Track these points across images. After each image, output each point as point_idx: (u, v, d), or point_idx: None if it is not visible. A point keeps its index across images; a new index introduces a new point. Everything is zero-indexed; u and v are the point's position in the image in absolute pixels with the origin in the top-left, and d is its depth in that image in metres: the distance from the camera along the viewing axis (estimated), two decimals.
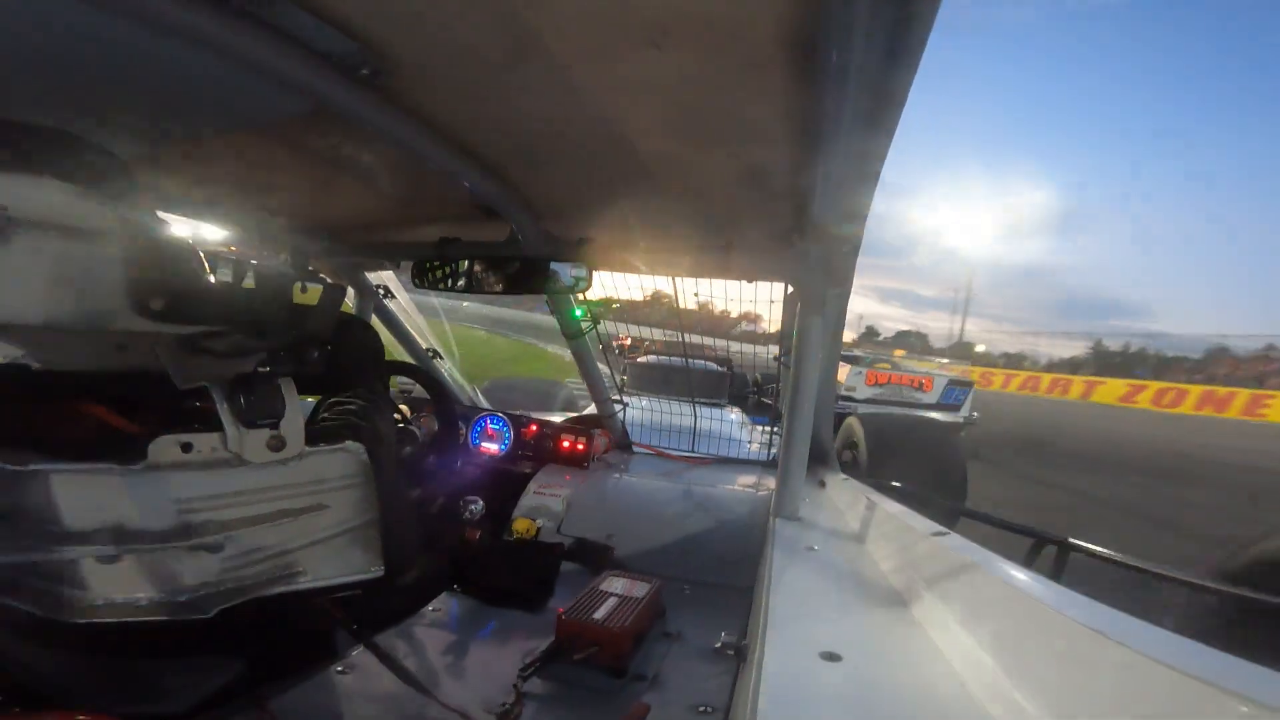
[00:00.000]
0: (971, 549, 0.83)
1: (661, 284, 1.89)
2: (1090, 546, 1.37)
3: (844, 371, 8.42)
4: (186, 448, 0.80)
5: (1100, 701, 0.47)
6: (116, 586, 0.74)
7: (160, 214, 0.86)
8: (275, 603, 0.89)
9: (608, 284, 1.87)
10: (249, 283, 0.98)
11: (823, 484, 1.71)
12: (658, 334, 2.89)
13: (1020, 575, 0.70)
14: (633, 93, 0.84)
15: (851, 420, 3.06)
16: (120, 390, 0.82)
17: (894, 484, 2.04)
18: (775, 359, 2.17)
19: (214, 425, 0.83)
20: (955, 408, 8.58)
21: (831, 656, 0.65)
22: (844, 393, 8.27)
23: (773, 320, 2.04)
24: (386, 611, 1.27)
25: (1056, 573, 1.37)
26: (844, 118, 0.76)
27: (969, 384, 8.91)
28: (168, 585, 0.78)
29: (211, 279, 0.95)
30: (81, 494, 0.72)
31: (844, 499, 1.51)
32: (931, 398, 8.66)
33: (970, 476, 2.60)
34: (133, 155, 0.89)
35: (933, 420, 2.99)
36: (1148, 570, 1.25)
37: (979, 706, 0.56)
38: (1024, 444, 9.46)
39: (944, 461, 2.70)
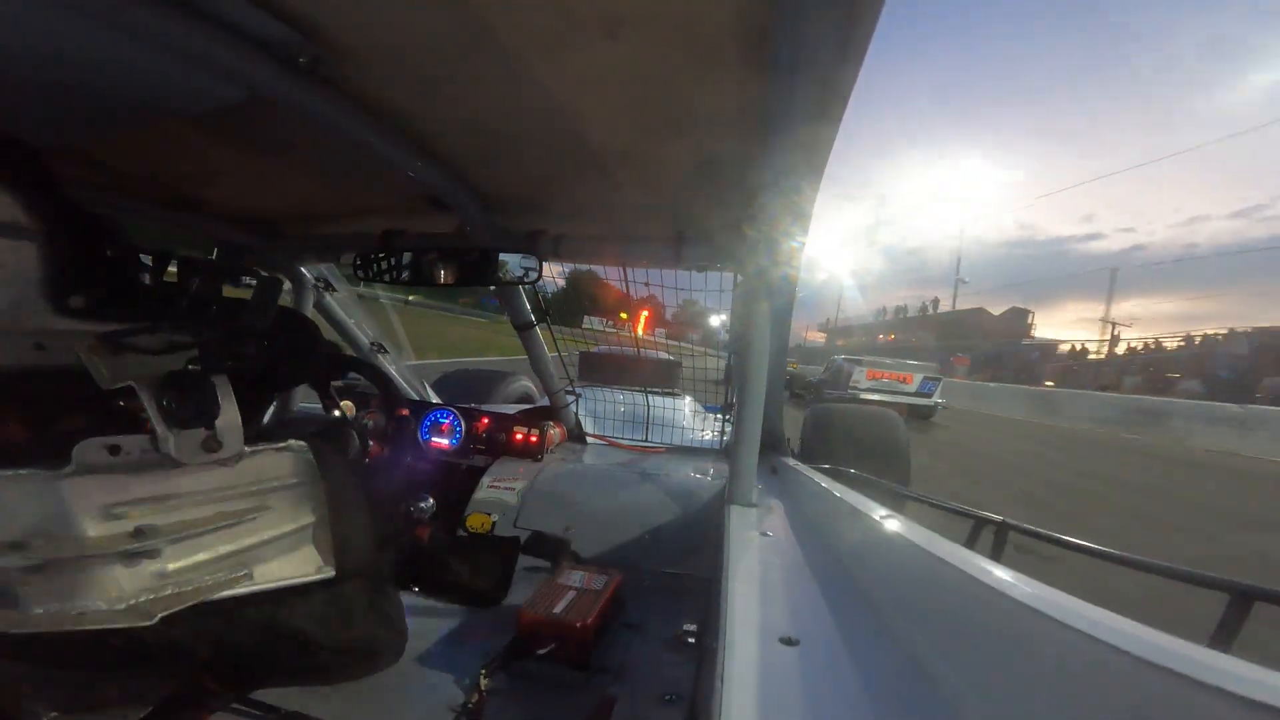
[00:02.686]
0: (917, 531, 0.85)
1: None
2: (1027, 526, 1.44)
3: (854, 370, 12.96)
4: (114, 450, 0.75)
5: (1039, 677, 0.49)
6: (49, 597, 0.70)
7: (81, 207, 0.80)
8: (223, 607, 0.85)
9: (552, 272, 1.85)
10: (176, 277, 0.94)
11: (774, 470, 1.74)
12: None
13: (964, 555, 0.73)
14: (586, 83, 0.83)
15: (810, 411, 3.12)
16: (41, 391, 0.77)
17: (842, 469, 2.10)
18: (725, 347, 2.20)
19: (144, 427, 0.78)
20: (929, 395, 12.90)
21: (790, 641, 0.67)
22: (851, 385, 12.65)
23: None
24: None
25: (996, 553, 1.43)
26: (794, 108, 0.77)
27: (938, 378, 13.07)
28: (104, 594, 0.74)
29: (137, 274, 0.90)
30: (3, 501, 0.68)
31: (796, 485, 1.54)
32: (912, 388, 12.83)
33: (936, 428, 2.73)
34: (52, 145, 0.83)
35: (878, 410, 3.08)
36: (1082, 548, 1.32)
37: (931, 685, 0.58)
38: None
39: (889, 447, 2.79)
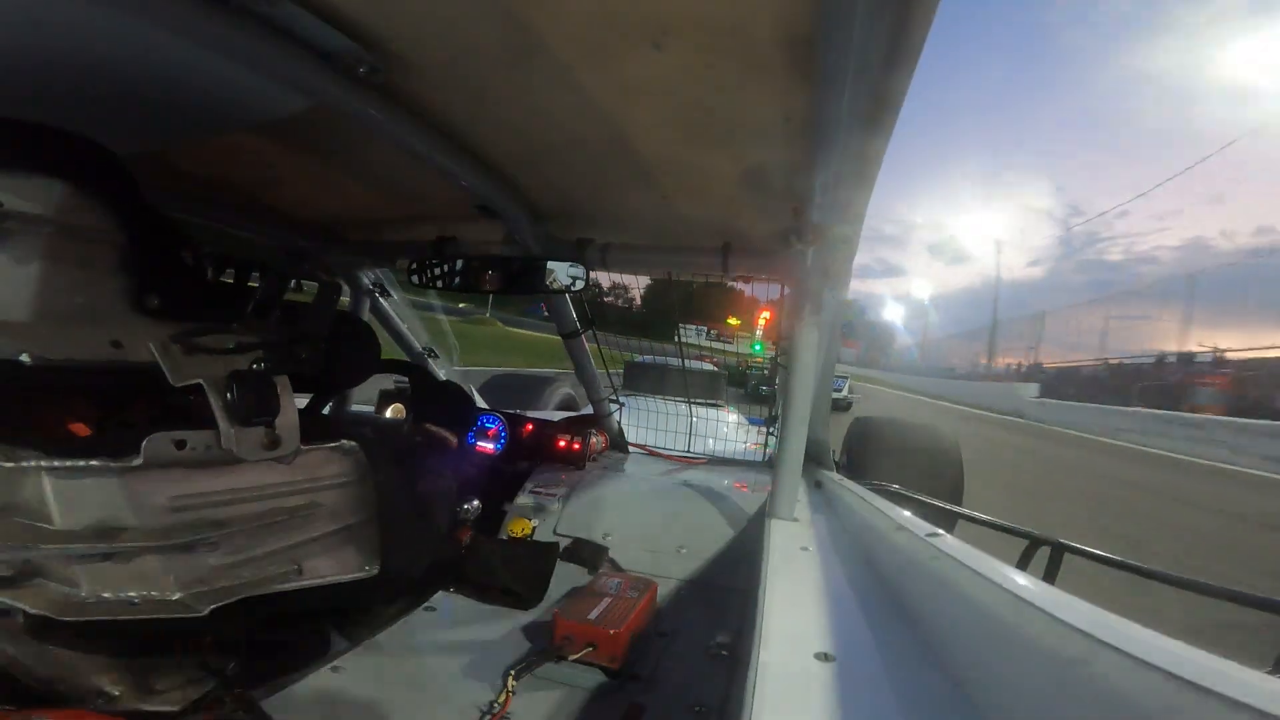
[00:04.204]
0: (965, 551, 0.82)
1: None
2: (1085, 548, 1.36)
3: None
4: (180, 445, 0.79)
5: (1093, 705, 0.47)
6: (108, 584, 0.74)
7: (157, 212, 0.85)
8: (270, 601, 0.88)
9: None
10: (242, 281, 0.98)
11: (818, 484, 1.71)
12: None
13: (1014, 577, 0.70)
14: (633, 93, 0.84)
15: (853, 423, 3.06)
16: (115, 387, 0.82)
17: (889, 485, 2.04)
18: (773, 359, 2.17)
19: (209, 423, 0.82)
20: (840, 390, 14.81)
21: (825, 657, 0.65)
22: (777, 382, 12.30)
23: None
24: (381, 610, 1.27)
25: (1050, 575, 1.37)
26: (842, 119, 0.76)
27: (845, 376, 15.71)
28: (160, 583, 0.77)
29: (207, 276, 0.95)
30: (74, 491, 0.72)
31: (839, 500, 1.51)
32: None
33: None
34: (129, 152, 0.89)
35: (929, 425, 2.99)
36: (1142, 570, 1.25)
37: (972, 709, 0.56)
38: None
39: (939, 464, 2.70)
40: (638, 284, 1.91)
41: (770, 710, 0.55)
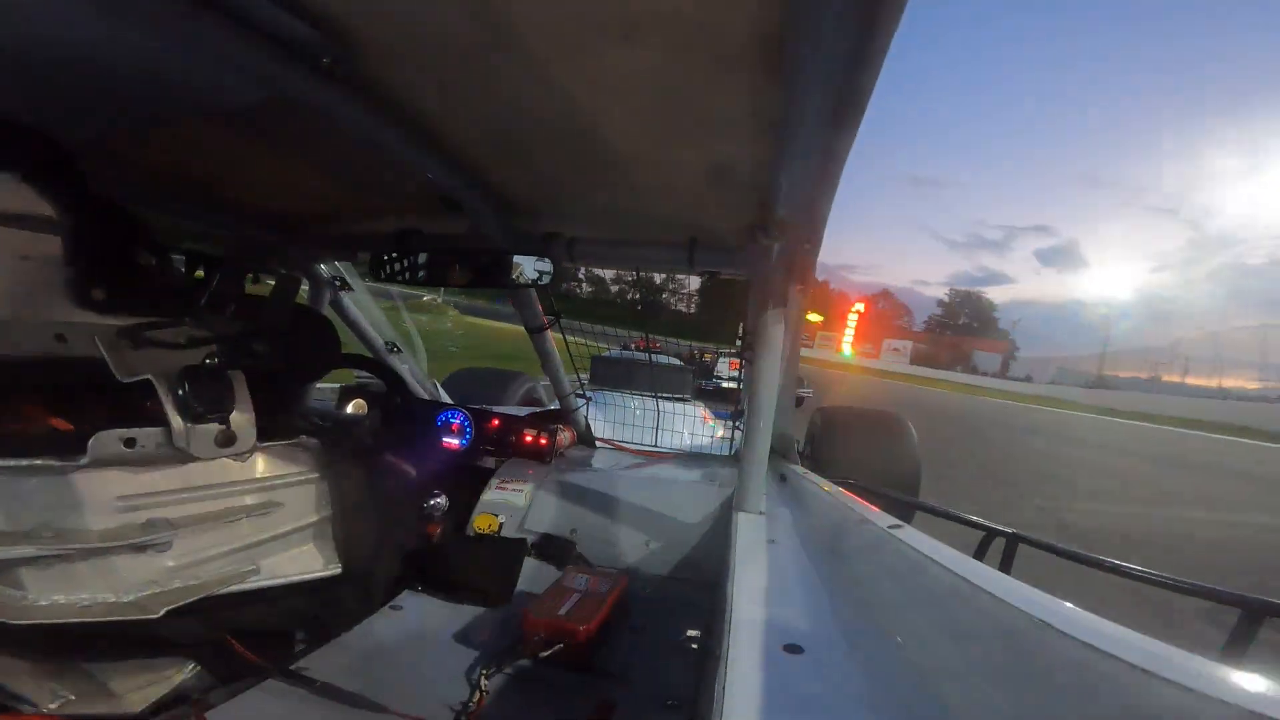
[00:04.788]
0: (926, 542, 0.85)
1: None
2: (1038, 539, 1.42)
3: (718, 361, 13.11)
4: (129, 443, 0.76)
5: (1047, 690, 0.49)
6: (56, 587, 0.71)
7: (106, 202, 0.81)
8: (229, 602, 0.86)
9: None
10: (197, 273, 0.95)
11: (783, 478, 1.73)
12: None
13: (972, 567, 0.73)
14: (601, 87, 0.83)
15: (813, 415, 3.12)
16: (60, 383, 0.78)
17: (850, 479, 2.08)
18: (738, 353, 2.19)
19: (160, 420, 0.80)
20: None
21: (794, 649, 0.66)
22: (715, 374, 12.91)
23: None
24: (346, 610, 1.24)
25: (1005, 565, 1.42)
26: (809, 115, 0.77)
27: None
28: (111, 586, 0.75)
29: (158, 269, 0.91)
30: (17, 491, 0.69)
31: (804, 493, 1.53)
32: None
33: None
34: (78, 143, 0.85)
35: (886, 414, 3.06)
36: (1092, 561, 1.30)
37: (936, 696, 0.58)
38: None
39: (897, 456, 2.77)
40: (690, 283, 1.90)
41: (741, 702, 0.55)
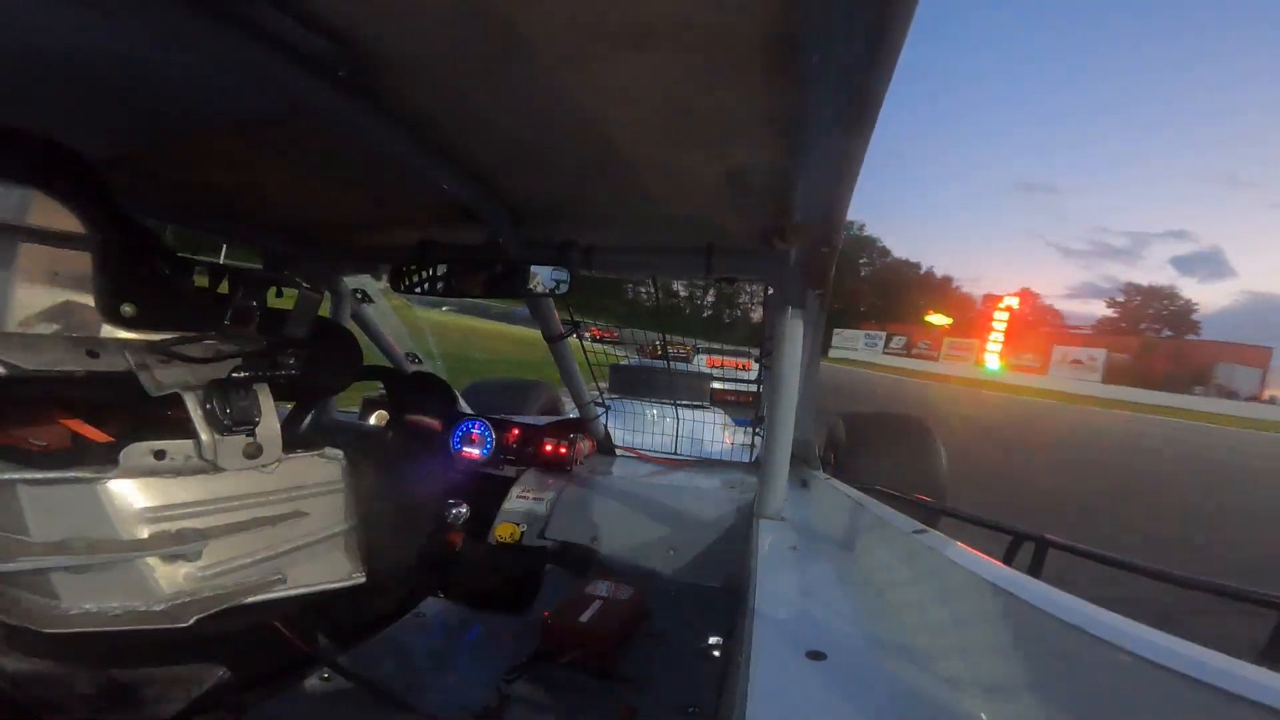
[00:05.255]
0: (952, 547, 0.84)
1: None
2: (1068, 543, 1.39)
3: (694, 357, 11.66)
4: (159, 455, 0.78)
5: (1080, 696, 0.48)
6: (88, 596, 0.73)
7: (133, 217, 0.83)
8: (256, 611, 0.87)
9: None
10: (223, 288, 0.97)
11: (805, 484, 1.72)
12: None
13: (1000, 571, 0.71)
14: (615, 94, 0.84)
15: (836, 419, 3.09)
16: (92, 397, 0.80)
17: (874, 485, 2.06)
18: (757, 360, 2.18)
19: (189, 432, 0.81)
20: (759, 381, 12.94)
21: (817, 655, 0.66)
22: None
23: None
24: (370, 618, 1.26)
25: (1035, 569, 1.39)
26: (824, 119, 0.76)
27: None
28: (142, 595, 0.76)
29: (184, 284, 0.93)
30: (51, 503, 0.71)
31: (826, 499, 1.52)
32: (751, 375, 12.21)
33: None
34: (104, 157, 0.87)
35: (910, 417, 3.03)
36: (1125, 564, 1.27)
37: (963, 703, 0.57)
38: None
39: (922, 459, 2.74)
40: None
41: (764, 710, 0.55)
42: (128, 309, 0.78)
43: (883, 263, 75.71)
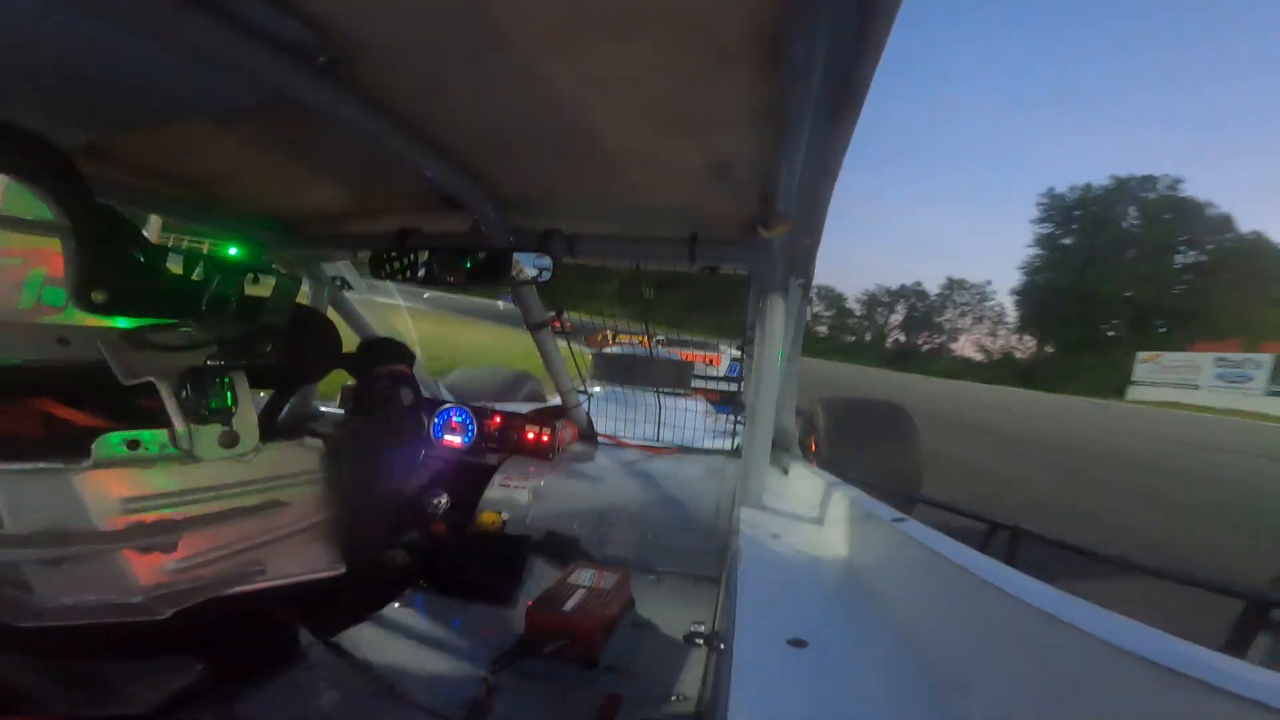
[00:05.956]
0: (930, 535, 0.85)
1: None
2: (1041, 533, 1.42)
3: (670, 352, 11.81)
4: (133, 445, 0.77)
5: (1053, 683, 0.49)
6: (64, 589, 0.72)
7: (106, 204, 0.81)
8: (236, 602, 0.87)
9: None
10: (197, 275, 0.95)
11: (786, 472, 1.74)
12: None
13: (977, 560, 0.73)
14: (600, 84, 0.83)
15: (815, 405, 3.12)
16: (63, 386, 0.79)
17: (853, 473, 2.08)
18: (738, 348, 2.19)
19: (163, 422, 0.80)
20: (737, 379, 11.68)
21: (798, 643, 0.66)
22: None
23: None
24: (352, 608, 1.25)
25: (1009, 558, 1.42)
26: (807, 110, 0.76)
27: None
28: (118, 587, 0.75)
29: (159, 270, 0.92)
30: (22, 495, 0.69)
31: (807, 487, 1.53)
32: (720, 371, 12.78)
33: None
34: (77, 145, 0.85)
35: (886, 403, 3.08)
36: (1096, 555, 1.30)
37: (940, 689, 0.58)
38: None
39: (898, 447, 2.78)
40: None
41: (746, 697, 0.55)
42: (99, 296, 0.76)
43: (1222, 241, 45.34)
